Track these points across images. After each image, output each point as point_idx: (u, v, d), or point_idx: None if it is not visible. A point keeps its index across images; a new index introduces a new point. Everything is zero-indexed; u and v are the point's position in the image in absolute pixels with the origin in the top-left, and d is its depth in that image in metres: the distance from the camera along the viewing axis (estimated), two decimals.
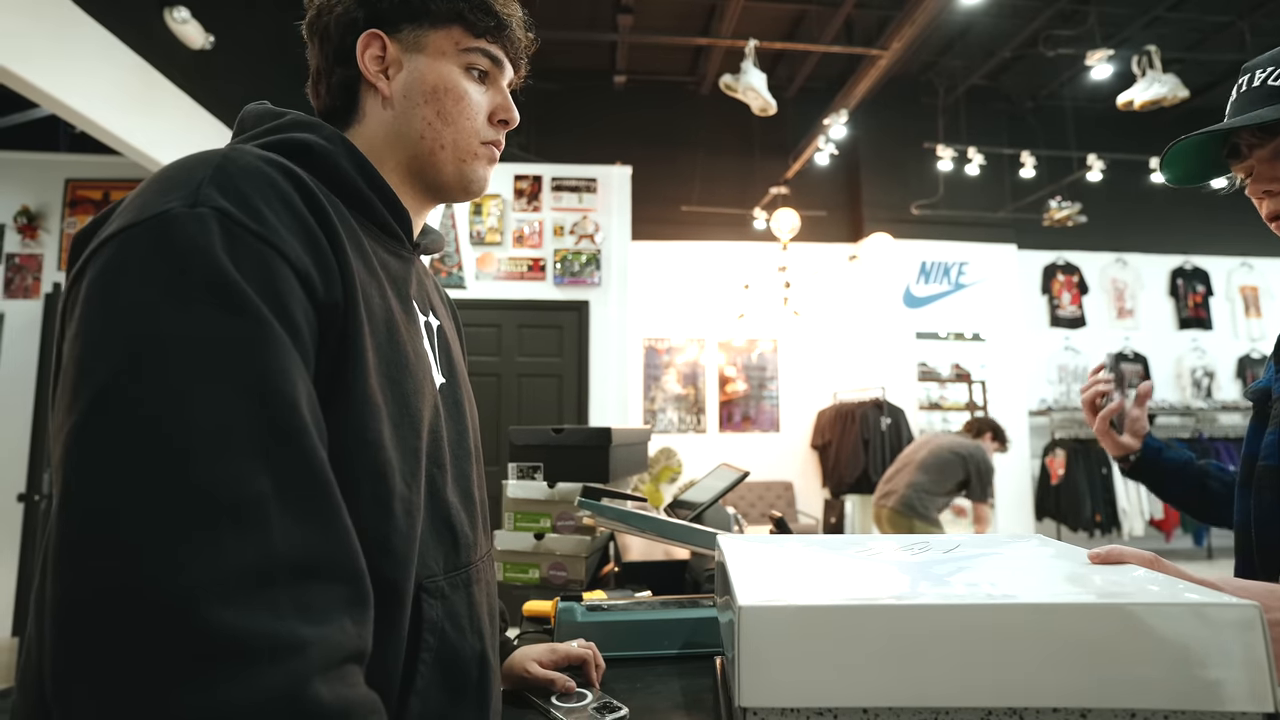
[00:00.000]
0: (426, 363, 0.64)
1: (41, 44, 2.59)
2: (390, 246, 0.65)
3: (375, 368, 0.54)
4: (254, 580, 0.39)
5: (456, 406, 0.69)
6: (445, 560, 0.60)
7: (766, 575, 0.58)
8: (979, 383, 5.79)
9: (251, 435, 0.41)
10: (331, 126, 0.63)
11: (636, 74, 6.17)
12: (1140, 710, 0.45)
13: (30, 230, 4.32)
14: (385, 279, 0.61)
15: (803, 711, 0.46)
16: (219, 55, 3.54)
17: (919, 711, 0.45)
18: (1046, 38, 5.33)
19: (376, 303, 0.57)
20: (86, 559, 0.37)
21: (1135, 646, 0.45)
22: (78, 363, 0.41)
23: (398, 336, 0.58)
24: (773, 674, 0.46)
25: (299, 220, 0.50)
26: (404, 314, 0.62)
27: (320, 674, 0.40)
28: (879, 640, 0.46)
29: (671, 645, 0.99)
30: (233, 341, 0.43)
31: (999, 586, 0.53)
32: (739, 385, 6.07)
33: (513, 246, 4.76)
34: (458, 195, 0.70)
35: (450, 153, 0.66)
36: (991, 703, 0.45)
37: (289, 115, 0.62)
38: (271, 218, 0.48)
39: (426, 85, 0.65)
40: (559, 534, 1.33)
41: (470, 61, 0.67)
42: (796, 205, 5.66)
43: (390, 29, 0.65)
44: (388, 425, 0.54)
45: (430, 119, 0.65)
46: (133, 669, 0.36)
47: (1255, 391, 0.92)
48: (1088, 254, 6.50)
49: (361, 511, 0.50)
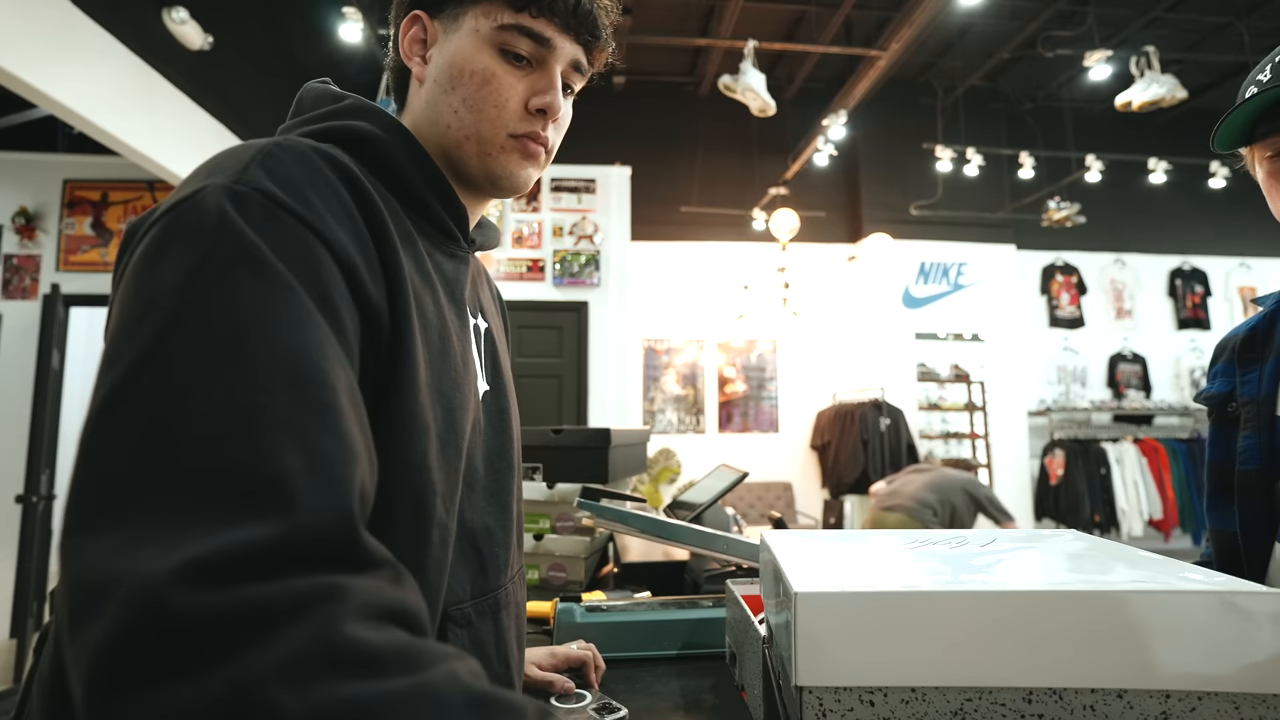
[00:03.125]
0: (474, 372, 0.59)
1: (40, 44, 2.58)
2: (446, 246, 0.60)
3: (426, 383, 0.50)
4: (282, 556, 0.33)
5: (500, 415, 0.65)
6: (473, 585, 0.57)
7: (816, 565, 0.59)
8: (978, 383, 5.80)
9: (279, 415, 0.36)
10: (391, 115, 0.58)
11: (635, 74, 6.17)
12: (1175, 692, 0.47)
13: (28, 231, 4.32)
14: (440, 283, 0.56)
15: (854, 690, 0.48)
16: (218, 56, 3.54)
17: (964, 691, 0.48)
18: (1045, 38, 5.33)
19: (430, 310, 0.53)
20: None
21: (1171, 631, 0.47)
22: (110, 344, 0.39)
23: (450, 347, 0.54)
24: (827, 655, 0.48)
25: (347, 213, 0.46)
26: (457, 320, 0.58)
27: (358, 618, 0.32)
28: (926, 624, 0.48)
29: (671, 646, 0.99)
30: (261, 321, 0.38)
31: (1038, 575, 0.55)
32: (738, 386, 6.07)
33: (512, 247, 4.76)
34: (490, 192, 0.63)
35: (474, 145, 0.59)
36: (1032, 683, 0.48)
37: (349, 100, 0.58)
38: (319, 204, 0.44)
39: (454, 68, 0.58)
40: (558, 535, 1.33)
41: (505, 41, 0.57)
42: (795, 206, 5.66)
43: (433, 10, 0.59)
44: (434, 446, 0.50)
45: (456, 106, 0.58)
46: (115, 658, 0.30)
47: (1212, 398, 0.91)
48: (1086, 254, 6.50)
49: (398, 540, 0.46)
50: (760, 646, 0.68)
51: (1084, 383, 6.37)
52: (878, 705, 0.48)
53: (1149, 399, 6.27)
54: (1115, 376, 6.38)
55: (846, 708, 0.48)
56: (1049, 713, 0.47)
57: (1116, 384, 6.37)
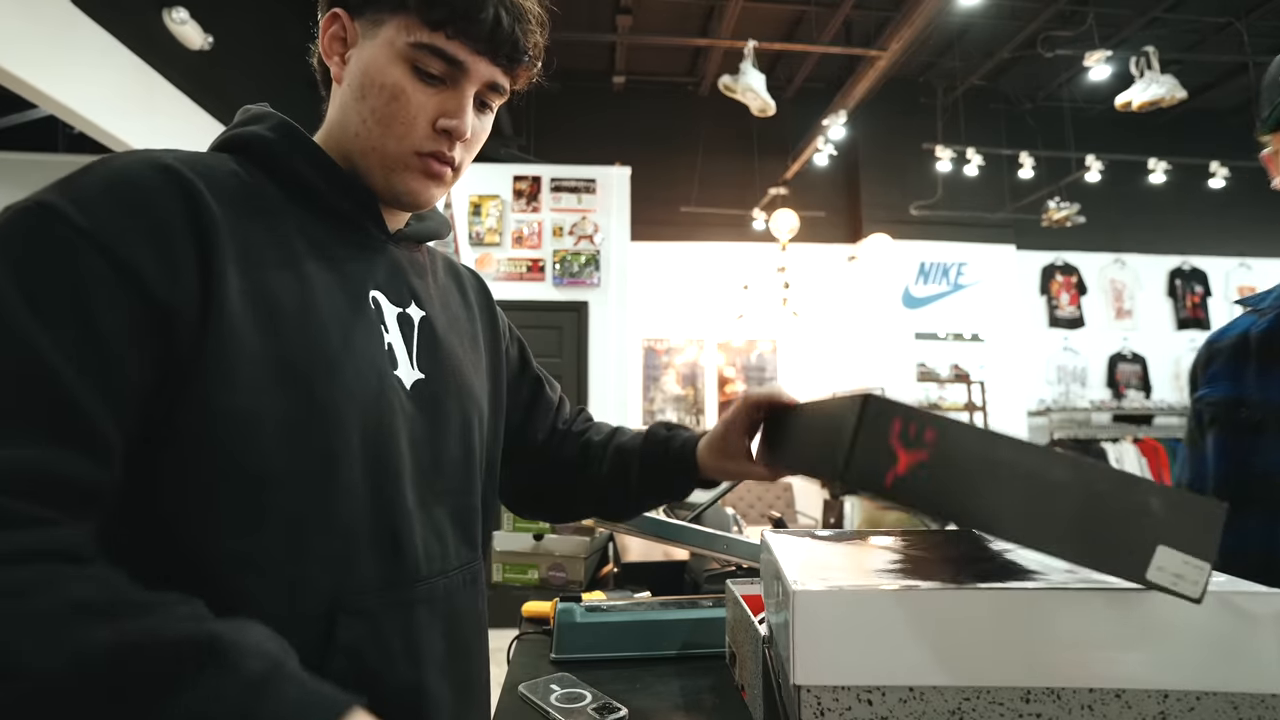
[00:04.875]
0: (375, 357, 0.57)
1: (40, 45, 2.59)
2: (351, 236, 0.61)
3: (259, 368, 0.50)
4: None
5: (434, 403, 0.63)
6: (384, 575, 0.55)
7: (815, 565, 0.59)
8: (978, 383, 5.80)
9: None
10: (282, 117, 0.60)
11: (635, 75, 6.17)
12: (1174, 691, 0.47)
13: None
14: (323, 271, 0.56)
15: (852, 689, 0.48)
16: (217, 56, 3.54)
17: (961, 690, 0.48)
18: (1045, 39, 5.33)
19: (285, 297, 0.52)
20: None
21: (1170, 631, 0.47)
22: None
23: (311, 331, 0.53)
24: (825, 654, 0.48)
25: (152, 221, 0.47)
26: (347, 306, 0.57)
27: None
28: (924, 623, 0.48)
29: (671, 646, 0.99)
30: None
31: (1037, 574, 0.55)
32: (738, 386, 6.07)
33: (512, 247, 4.76)
34: (393, 205, 0.63)
35: (379, 158, 0.59)
36: (1030, 683, 0.48)
37: (250, 111, 0.61)
38: (105, 214, 0.46)
39: (366, 77, 0.58)
40: (558, 535, 1.33)
41: (418, 59, 0.57)
42: (795, 206, 5.67)
43: (354, 11, 0.59)
44: (275, 430, 0.50)
45: (365, 116, 0.58)
46: None
47: (1216, 402, 0.83)
48: (1086, 254, 6.50)
49: (221, 526, 0.48)
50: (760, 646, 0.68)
51: (1084, 383, 6.37)
52: (876, 704, 0.48)
53: (1149, 399, 6.27)
54: (1115, 376, 6.38)
55: (845, 706, 0.48)
56: (1047, 712, 0.47)
57: (1116, 384, 6.37)
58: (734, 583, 0.89)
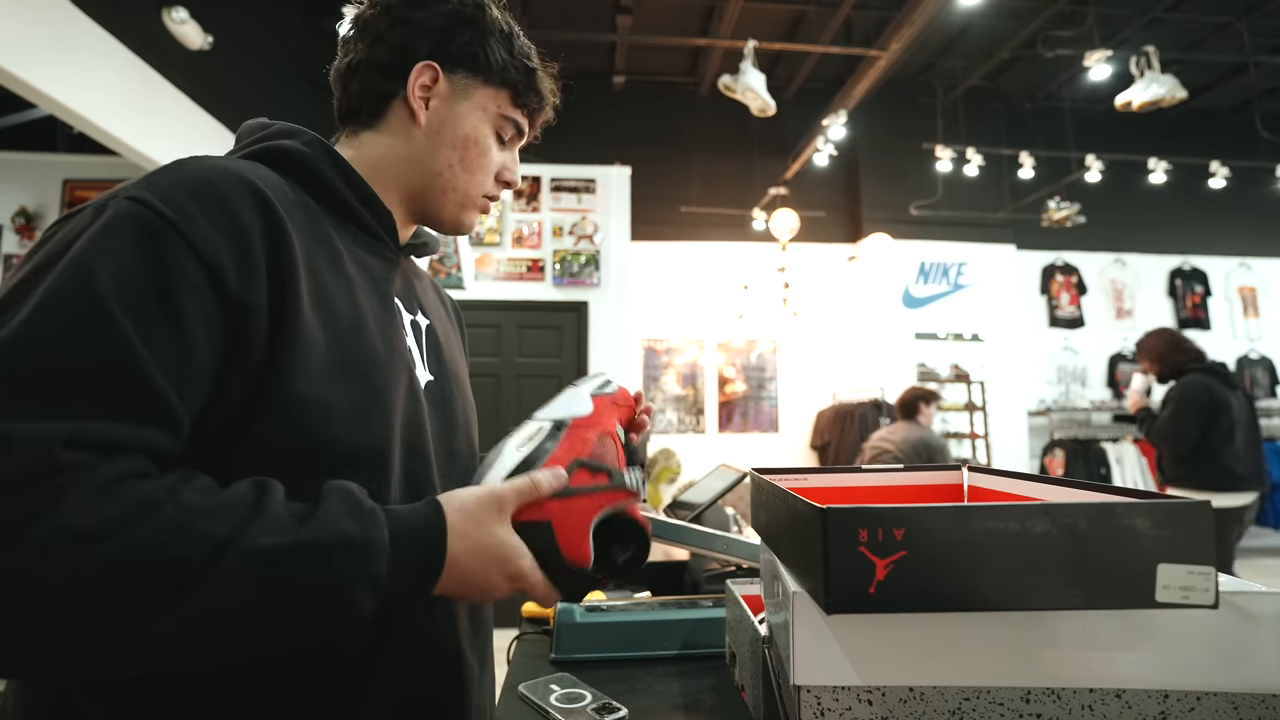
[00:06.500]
0: (406, 359, 0.65)
1: (40, 45, 2.59)
2: (371, 246, 0.68)
3: (328, 362, 0.55)
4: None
5: (444, 404, 0.71)
6: None
7: None
8: (978, 383, 5.79)
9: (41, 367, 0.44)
10: (313, 134, 0.66)
11: (635, 75, 6.17)
12: (1174, 692, 0.47)
13: (28, 231, 4.32)
14: (360, 276, 0.63)
15: (853, 689, 0.49)
16: (217, 56, 3.54)
17: (961, 690, 0.48)
18: (1045, 38, 5.33)
19: (340, 299, 0.59)
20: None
21: (1170, 631, 0.47)
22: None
23: (365, 332, 0.60)
24: (824, 654, 0.49)
25: (229, 217, 0.52)
26: (381, 309, 0.64)
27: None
28: (922, 623, 0.48)
29: (671, 646, 0.99)
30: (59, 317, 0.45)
31: None
32: (738, 386, 6.07)
33: (512, 247, 4.76)
34: (445, 231, 0.74)
35: (456, 197, 0.71)
36: (1030, 683, 0.48)
37: (276, 125, 0.66)
38: (192, 210, 0.50)
39: (460, 132, 0.69)
40: None
41: (502, 126, 0.72)
42: (795, 206, 5.66)
43: (447, 67, 0.68)
44: (346, 415, 0.55)
45: (453, 162, 0.70)
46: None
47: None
48: (1086, 254, 6.50)
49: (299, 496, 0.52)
50: (760, 646, 0.68)
51: (1084, 382, 6.37)
52: (875, 704, 0.48)
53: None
54: (1115, 376, 6.38)
55: (845, 706, 0.48)
56: (1047, 712, 0.47)
57: (1116, 384, 6.36)
58: (734, 583, 0.89)
